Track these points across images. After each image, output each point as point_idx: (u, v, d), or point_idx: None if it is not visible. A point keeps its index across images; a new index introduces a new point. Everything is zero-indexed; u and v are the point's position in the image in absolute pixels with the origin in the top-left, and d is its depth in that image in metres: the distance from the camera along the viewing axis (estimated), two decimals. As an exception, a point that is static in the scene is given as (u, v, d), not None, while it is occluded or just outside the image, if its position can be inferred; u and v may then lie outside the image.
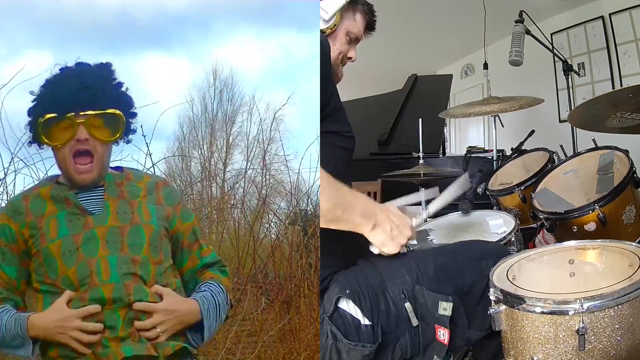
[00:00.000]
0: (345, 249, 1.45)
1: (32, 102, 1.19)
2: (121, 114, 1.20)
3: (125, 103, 1.22)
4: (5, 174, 2.27)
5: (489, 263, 1.43)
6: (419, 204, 1.60)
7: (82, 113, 1.15)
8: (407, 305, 1.35)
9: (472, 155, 3.37)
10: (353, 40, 1.59)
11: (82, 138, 1.15)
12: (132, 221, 1.18)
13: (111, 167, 1.25)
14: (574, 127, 2.98)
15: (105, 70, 1.23)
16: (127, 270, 1.13)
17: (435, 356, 1.34)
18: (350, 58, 1.60)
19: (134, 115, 1.25)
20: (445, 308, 1.33)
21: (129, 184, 1.23)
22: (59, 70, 1.19)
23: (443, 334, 1.33)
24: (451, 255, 1.52)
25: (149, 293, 1.13)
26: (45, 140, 1.16)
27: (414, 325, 1.35)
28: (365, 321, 1.32)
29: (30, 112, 1.19)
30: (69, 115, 1.15)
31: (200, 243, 1.30)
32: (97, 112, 1.16)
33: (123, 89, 1.22)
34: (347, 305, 1.33)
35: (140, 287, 1.13)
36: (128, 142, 1.26)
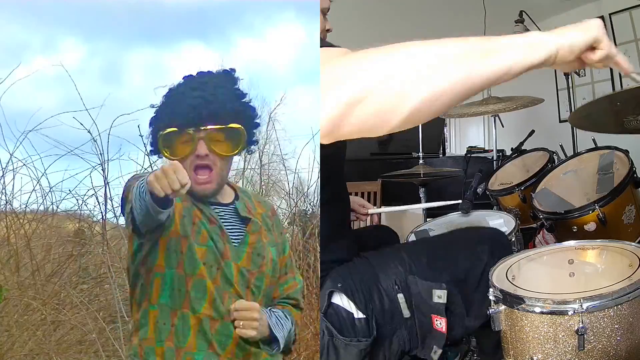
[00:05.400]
0: (342, 248, 1.45)
1: (154, 112, 1.18)
2: (242, 128, 1.16)
3: (247, 115, 1.19)
4: (3, 174, 2.27)
5: (485, 249, 1.42)
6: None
7: (202, 128, 1.13)
8: (400, 296, 1.34)
9: (472, 155, 3.38)
10: (323, 12, 1.63)
11: (202, 154, 1.13)
12: (260, 268, 1.17)
13: None
14: (574, 127, 2.98)
15: (227, 80, 1.19)
16: None
17: (434, 346, 1.32)
18: (328, 30, 1.64)
19: (257, 125, 1.21)
20: (440, 296, 1.31)
21: (258, 215, 1.21)
22: (183, 79, 1.17)
23: (440, 323, 1.31)
24: (445, 243, 1.50)
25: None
26: (165, 154, 1.14)
27: (406, 317, 1.34)
28: (358, 314, 1.31)
29: (152, 122, 1.18)
30: (189, 130, 1.12)
31: (288, 277, 1.26)
32: (218, 126, 1.13)
33: (246, 99, 1.19)
34: (341, 300, 1.32)
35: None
36: (250, 152, 1.24)
